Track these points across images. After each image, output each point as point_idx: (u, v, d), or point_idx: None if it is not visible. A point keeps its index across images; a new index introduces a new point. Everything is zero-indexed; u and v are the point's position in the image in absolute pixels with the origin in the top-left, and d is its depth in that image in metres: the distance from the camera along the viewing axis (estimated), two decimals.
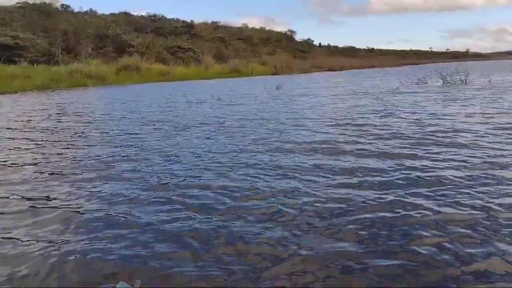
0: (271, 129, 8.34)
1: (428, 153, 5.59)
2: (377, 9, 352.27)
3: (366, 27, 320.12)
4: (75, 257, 2.90)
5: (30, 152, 7.03)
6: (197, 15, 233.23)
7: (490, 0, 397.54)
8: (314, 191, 4.12)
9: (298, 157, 5.69)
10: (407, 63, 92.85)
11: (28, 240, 3.23)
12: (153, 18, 79.25)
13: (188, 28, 79.09)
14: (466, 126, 7.58)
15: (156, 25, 74.73)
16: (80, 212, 3.85)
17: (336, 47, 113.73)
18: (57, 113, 13.76)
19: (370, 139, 6.81)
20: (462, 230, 3.05)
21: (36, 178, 5.22)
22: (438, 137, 6.67)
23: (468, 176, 4.41)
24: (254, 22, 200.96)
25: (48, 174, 5.42)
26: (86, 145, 7.46)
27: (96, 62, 44.42)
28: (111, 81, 38.58)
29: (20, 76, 33.49)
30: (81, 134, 8.88)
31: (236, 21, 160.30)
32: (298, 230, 3.18)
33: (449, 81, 19.84)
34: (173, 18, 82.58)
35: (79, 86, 34.32)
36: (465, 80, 19.75)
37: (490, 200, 3.68)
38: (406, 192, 4.01)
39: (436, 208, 3.55)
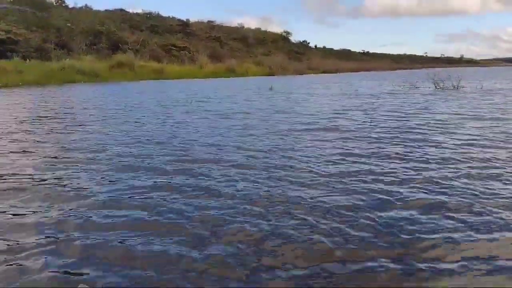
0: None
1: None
2: (371, 12, 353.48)
3: (361, 30, 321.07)
4: None
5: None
6: (193, 13, 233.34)
7: (484, 6, 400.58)
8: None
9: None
10: (401, 68, 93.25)
11: None
12: (148, 15, 78.81)
13: (183, 27, 78.80)
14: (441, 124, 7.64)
15: (151, 23, 74.32)
16: None
17: (331, 49, 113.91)
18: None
19: (359, 129, 7.39)
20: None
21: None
22: (419, 130, 7.56)
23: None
24: (250, 22, 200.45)
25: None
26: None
27: (89, 58, 44.13)
28: (104, 78, 38.30)
29: (12, 71, 33.15)
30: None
31: (232, 21, 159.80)
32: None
33: (441, 86, 19.88)
34: (169, 16, 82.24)
35: (71, 82, 34.03)
36: (457, 86, 19.77)
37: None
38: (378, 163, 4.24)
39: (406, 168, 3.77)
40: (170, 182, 4.49)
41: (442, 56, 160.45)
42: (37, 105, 15.06)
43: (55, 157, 5.99)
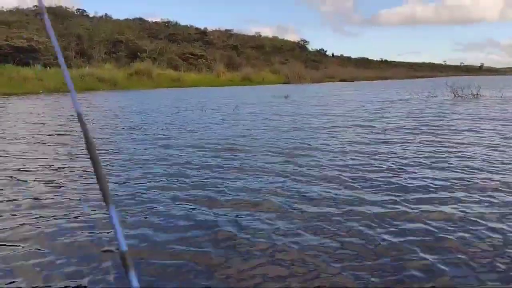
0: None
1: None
2: (388, 20, 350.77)
3: (378, 39, 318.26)
4: None
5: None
6: (210, 22, 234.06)
7: (502, 15, 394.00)
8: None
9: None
10: (420, 76, 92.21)
11: None
12: (167, 24, 79.92)
13: (201, 35, 79.55)
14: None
15: (169, 31, 75.30)
16: None
17: (349, 57, 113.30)
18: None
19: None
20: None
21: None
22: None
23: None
24: (267, 31, 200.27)
25: None
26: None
27: (108, 66, 44.78)
28: (123, 86, 38.80)
29: (32, 79, 33.84)
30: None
31: (249, 30, 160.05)
32: None
33: (460, 95, 19.56)
34: (187, 25, 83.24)
35: (90, 89, 34.54)
36: (477, 94, 19.45)
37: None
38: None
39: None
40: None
41: (462, 64, 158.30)
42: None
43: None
